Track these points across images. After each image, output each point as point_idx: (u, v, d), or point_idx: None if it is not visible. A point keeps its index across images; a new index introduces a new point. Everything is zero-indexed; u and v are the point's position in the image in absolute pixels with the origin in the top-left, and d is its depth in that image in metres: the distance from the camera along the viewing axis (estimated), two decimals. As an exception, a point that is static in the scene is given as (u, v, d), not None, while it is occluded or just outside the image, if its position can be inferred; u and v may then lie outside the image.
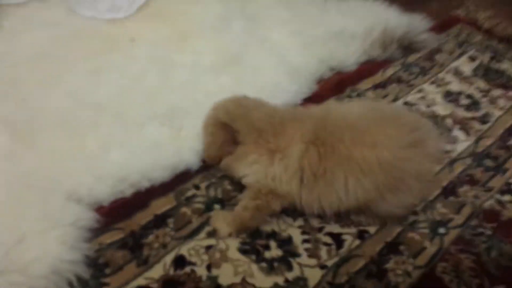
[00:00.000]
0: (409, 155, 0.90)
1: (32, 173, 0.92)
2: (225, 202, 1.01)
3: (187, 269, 0.87)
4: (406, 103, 1.35)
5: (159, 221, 0.95)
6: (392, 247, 0.95)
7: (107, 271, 0.85)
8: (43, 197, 0.87)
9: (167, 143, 1.07)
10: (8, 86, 1.14)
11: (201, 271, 0.87)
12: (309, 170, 0.90)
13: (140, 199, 0.98)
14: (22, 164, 0.92)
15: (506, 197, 1.09)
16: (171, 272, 0.86)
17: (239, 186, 1.04)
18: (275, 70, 1.37)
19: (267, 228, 0.96)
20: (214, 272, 0.87)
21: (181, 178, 1.04)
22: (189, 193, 1.01)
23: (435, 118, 1.30)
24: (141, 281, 0.84)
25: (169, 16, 1.48)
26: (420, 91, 1.41)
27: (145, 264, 0.87)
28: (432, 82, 1.46)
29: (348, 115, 0.94)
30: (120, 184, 0.97)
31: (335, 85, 1.41)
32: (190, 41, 1.41)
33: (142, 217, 0.95)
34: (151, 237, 0.91)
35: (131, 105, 1.16)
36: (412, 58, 1.57)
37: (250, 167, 0.95)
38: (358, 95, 1.37)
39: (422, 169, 0.93)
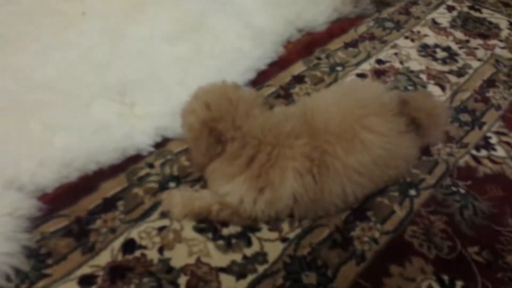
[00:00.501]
0: (398, 143, 0.84)
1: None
2: (182, 180, 0.94)
3: (137, 253, 0.81)
4: (378, 61, 1.27)
5: (108, 204, 0.89)
6: (359, 214, 0.89)
7: (49, 261, 0.79)
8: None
9: (117, 124, 1.00)
10: None
11: (153, 254, 0.81)
12: (305, 197, 0.82)
13: (88, 182, 0.92)
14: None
15: (483, 153, 1.03)
16: (119, 257, 0.81)
17: (196, 161, 0.98)
18: (237, 35, 1.30)
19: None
20: (167, 254, 0.82)
21: (133, 159, 0.97)
22: (142, 173, 0.95)
23: (409, 74, 1.22)
24: (85, 269, 0.78)
25: (123, -14, 1.39)
26: (393, 47, 1.33)
27: (91, 251, 0.81)
28: (407, 37, 1.37)
29: (330, 118, 0.84)
30: (64, 169, 0.91)
31: (303, 47, 1.33)
32: (146, 11, 1.33)
33: (90, 202, 0.89)
34: (98, 222, 0.85)
35: (80, 83, 1.09)
36: (386, 12, 1.48)
37: (237, 190, 0.82)
38: (327, 57, 1.28)
39: (410, 154, 0.88)
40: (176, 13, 1.34)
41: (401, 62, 1.27)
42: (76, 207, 0.88)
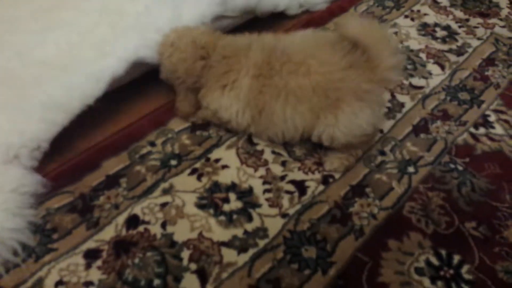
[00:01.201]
0: (342, 76, 0.85)
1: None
2: (183, 157, 0.95)
3: (141, 228, 0.83)
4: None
5: (111, 181, 0.90)
6: (358, 190, 0.91)
7: (55, 236, 0.81)
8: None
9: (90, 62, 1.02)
10: None
11: (155, 229, 0.83)
12: (254, 105, 0.91)
13: (91, 160, 0.93)
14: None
15: (481, 130, 1.04)
16: (123, 232, 0.82)
17: (197, 140, 0.99)
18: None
19: (226, 180, 0.92)
20: (169, 229, 0.83)
21: (135, 138, 0.98)
22: (144, 151, 0.96)
23: (409, 53, 1.22)
24: (90, 243, 0.80)
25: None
26: (393, 25, 1.33)
27: (95, 226, 0.83)
28: (407, 16, 1.37)
29: (289, 47, 0.91)
30: (49, 112, 0.92)
31: (303, 26, 1.32)
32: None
33: (93, 179, 0.90)
34: (102, 199, 0.87)
35: (79, 60, 1.08)
36: (386, -8, 1.47)
37: (215, 100, 0.95)
38: (327, 36, 1.28)
39: (359, 88, 0.86)
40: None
41: (401, 41, 1.27)
42: (80, 184, 0.89)
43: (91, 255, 0.79)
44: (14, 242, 0.77)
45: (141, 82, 1.08)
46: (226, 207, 0.87)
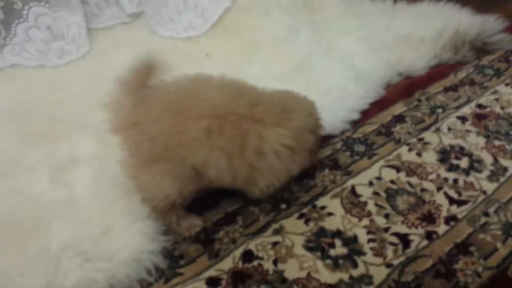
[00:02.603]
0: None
1: (117, 173, 1.02)
2: (292, 203, 1.05)
3: (255, 262, 0.92)
4: (479, 105, 1.32)
5: (229, 218, 1.01)
6: (462, 248, 0.94)
7: (182, 262, 0.92)
8: (127, 194, 0.97)
9: None
10: (98, 99, 1.28)
11: (268, 265, 0.92)
12: None
13: (211, 199, 1.05)
14: (110, 165, 1.03)
15: None
16: (240, 265, 0.92)
17: (304, 186, 1.08)
18: (341, 76, 1.40)
19: (331, 227, 0.99)
20: (281, 266, 0.91)
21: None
22: (257, 194, 1.07)
23: (510, 120, 1.25)
24: (212, 272, 0.90)
25: (240, 31, 1.57)
26: (494, 92, 1.37)
27: (216, 257, 0.93)
28: (507, 84, 1.40)
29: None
30: None
31: (404, 89, 1.41)
32: (260, 53, 1.48)
33: (214, 215, 1.01)
34: (221, 233, 0.98)
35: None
36: (486, 60, 1.52)
37: None
38: (428, 99, 1.35)
39: None
40: (285, 55, 1.48)
41: (502, 108, 1.30)
42: (202, 218, 1.01)
43: (212, 282, 0.89)
44: (150, 264, 0.89)
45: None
46: (332, 252, 0.94)
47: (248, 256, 0.93)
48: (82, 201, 0.98)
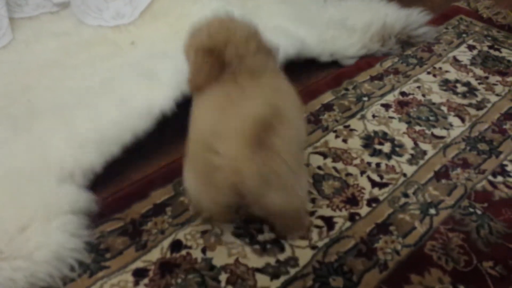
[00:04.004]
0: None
1: (24, 160, 0.98)
2: (222, 191, 1.05)
3: (183, 252, 0.92)
4: (402, 93, 1.38)
5: (158, 209, 1.00)
6: (382, 228, 0.98)
7: (108, 255, 0.90)
8: (38, 183, 0.93)
9: (140, 94, 1.13)
10: (18, 91, 1.22)
11: (197, 254, 0.92)
12: None
13: (140, 191, 1.04)
14: (16, 153, 0.98)
15: (499, 179, 1.11)
16: (168, 255, 0.91)
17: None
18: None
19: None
20: (209, 254, 0.92)
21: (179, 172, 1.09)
22: (187, 184, 1.06)
23: (430, 106, 1.32)
24: (139, 263, 0.89)
25: (169, 18, 1.53)
26: (416, 81, 1.44)
27: (143, 248, 0.92)
28: (429, 72, 1.48)
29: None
30: (103, 145, 1.02)
31: (332, 79, 1.45)
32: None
33: (142, 207, 1.00)
34: (150, 224, 0.97)
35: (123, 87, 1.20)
36: (410, 50, 1.59)
37: None
38: (354, 88, 1.40)
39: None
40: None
41: (424, 95, 1.37)
42: (130, 211, 0.99)
43: (139, 274, 0.88)
44: (72, 260, 0.87)
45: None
46: (261, 237, 0.96)
47: (176, 246, 0.93)
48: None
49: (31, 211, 0.89)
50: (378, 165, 1.13)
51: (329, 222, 0.99)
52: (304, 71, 1.46)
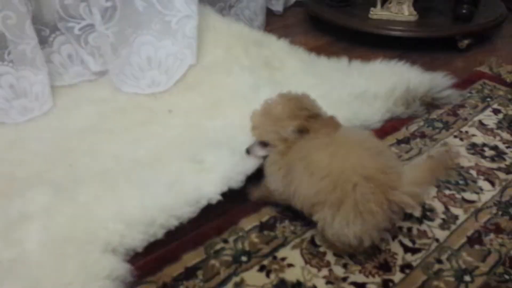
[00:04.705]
0: (356, 180, 0.93)
1: (71, 227, 1.01)
2: (252, 255, 1.06)
3: (217, 317, 0.92)
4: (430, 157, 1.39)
5: (189, 273, 1.01)
6: (417, 295, 0.96)
7: (141, 320, 0.91)
8: (80, 251, 0.96)
9: (188, 178, 1.16)
10: (59, 156, 1.29)
11: (229, 319, 0.91)
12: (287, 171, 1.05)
13: (171, 254, 1.05)
14: (62, 219, 1.02)
15: (534, 245, 1.08)
16: (201, 320, 0.91)
17: (266, 239, 1.09)
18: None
19: (291, 278, 1.00)
20: (241, 319, 0.91)
21: (209, 235, 1.11)
22: (218, 247, 1.07)
23: (459, 170, 1.33)
24: (172, 329, 0.89)
25: (202, 88, 1.62)
26: (443, 144, 1.45)
27: (176, 313, 0.92)
28: (456, 136, 1.49)
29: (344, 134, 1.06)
30: (150, 228, 1.05)
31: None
32: (221, 109, 1.53)
33: (173, 270, 1.01)
34: (181, 288, 0.97)
35: (164, 160, 1.26)
36: (435, 113, 1.62)
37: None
38: (382, 151, 1.41)
39: (362, 203, 0.92)
40: (246, 111, 1.53)
41: (451, 159, 1.38)
42: (162, 274, 1.00)
43: None
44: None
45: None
46: (295, 302, 0.95)
47: (208, 310, 0.93)
48: (34, 259, 0.96)
49: (71, 276, 0.91)
50: (409, 229, 1.12)
51: (361, 288, 0.98)
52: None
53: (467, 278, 1.00)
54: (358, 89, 1.68)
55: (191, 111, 1.52)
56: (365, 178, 0.92)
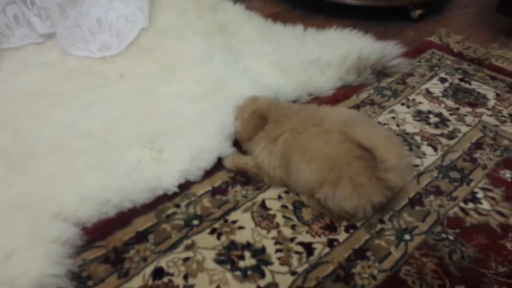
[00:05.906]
0: (349, 161, 1.03)
1: (22, 196, 1.00)
2: (204, 218, 1.08)
3: (165, 279, 0.94)
4: (378, 123, 1.44)
5: (141, 237, 1.02)
6: (360, 253, 1.01)
7: (90, 283, 0.91)
8: (30, 217, 0.95)
9: (148, 167, 1.15)
10: (5, 120, 1.24)
11: (178, 281, 0.93)
12: (284, 156, 1.12)
13: (123, 218, 1.05)
14: (13, 189, 1.00)
15: (470, 205, 1.15)
16: (150, 282, 0.93)
17: (217, 203, 1.11)
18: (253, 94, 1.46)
19: (242, 240, 1.03)
20: (191, 281, 0.94)
21: (161, 200, 1.12)
22: (169, 211, 1.09)
23: (405, 136, 1.38)
24: (121, 291, 0.91)
25: (156, 52, 1.59)
26: (391, 111, 1.50)
27: (125, 276, 0.93)
28: (403, 103, 1.55)
29: (328, 115, 1.14)
30: (103, 206, 1.05)
31: (311, 111, 1.50)
32: (175, 74, 1.51)
33: (124, 234, 1.02)
34: (132, 252, 0.98)
35: (118, 134, 1.25)
36: (385, 82, 1.66)
37: (260, 153, 1.17)
38: (333, 118, 1.45)
39: (356, 179, 1.02)
40: (200, 77, 1.52)
41: (398, 125, 1.43)
42: (112, 238, 1.01)
43: (121, 301, 0.89)
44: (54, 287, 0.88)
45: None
46: (242, 264, 0.98)
47: (158, 273, 0.95)
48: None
49: (19, 239, 0.90)
50: (355, 192, 1.17)
51: (308, 248, 1.02)
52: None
53: (407, 236, 1.06)
54: (312, 57, 1.71)
55: (144, 76, 1.49)
56: (356, 158, 1.02)
